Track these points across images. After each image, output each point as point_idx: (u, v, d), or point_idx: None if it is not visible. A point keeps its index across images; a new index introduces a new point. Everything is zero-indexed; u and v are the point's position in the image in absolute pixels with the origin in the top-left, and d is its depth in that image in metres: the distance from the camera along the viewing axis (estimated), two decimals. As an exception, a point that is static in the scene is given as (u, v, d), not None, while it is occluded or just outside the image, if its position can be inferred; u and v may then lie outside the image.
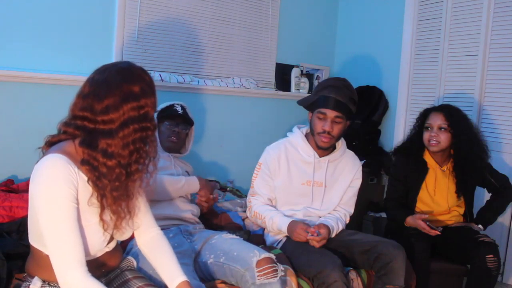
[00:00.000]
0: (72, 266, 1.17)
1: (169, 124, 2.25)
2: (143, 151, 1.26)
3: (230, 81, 3.23)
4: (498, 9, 2.76)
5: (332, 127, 2.02)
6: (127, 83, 1.22)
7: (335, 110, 2.00)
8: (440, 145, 2.29)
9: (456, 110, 2.35)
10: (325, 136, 2.03)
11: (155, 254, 1.44)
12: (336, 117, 2.01)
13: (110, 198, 1.24)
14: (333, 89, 2.02)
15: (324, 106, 2.02)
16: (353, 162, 2.20)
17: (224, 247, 1.77)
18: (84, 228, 1.24)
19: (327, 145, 2.07)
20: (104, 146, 1.20)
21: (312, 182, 2.11)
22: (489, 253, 2.05)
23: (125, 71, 1.25)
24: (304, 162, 2.12)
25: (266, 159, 2.14)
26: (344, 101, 2.01)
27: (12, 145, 2.40)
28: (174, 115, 2.28)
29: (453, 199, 2.34)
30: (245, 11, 3.29)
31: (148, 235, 1.47)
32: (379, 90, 3.46)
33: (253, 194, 2.18)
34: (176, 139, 2.28)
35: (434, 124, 2.30)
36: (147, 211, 1.47)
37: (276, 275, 1.63)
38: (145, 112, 1.24)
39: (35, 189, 1.19)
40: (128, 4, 2.77)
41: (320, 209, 2.13)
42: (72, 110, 1.26)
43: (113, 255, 1.42)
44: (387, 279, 1.86)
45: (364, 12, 3.65)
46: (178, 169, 2.25)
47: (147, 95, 1.25)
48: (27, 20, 2.46)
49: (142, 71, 1.29)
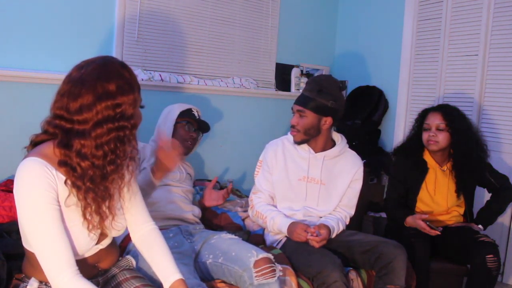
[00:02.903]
0: (61, 268, 1.17)
1: (188, 129, 2.26)
2: (120, 151, 1.22)
3: (230, 81, 3.23)
4: (498, 9, 2.76)
5: (297, 121, 2.07)
6: (102, 81, 1.18)
7: (296, 104, 2.08)
8: (439, 144, 2.29)
9: (454, 110, 2.35)
10: (292, 129, 2.09)
11: (149, 251, 1.42)
12: (299, 111, 2.07)
13: (89, 199, 1.21)
14: (306, 85, 2.10)
15: (294, 102, 2.10)
16: (353, 161, 2.19)
17: (222, 247, 1.77)
18: (69, 229, 1.23)
19: (296, 139, 2.10)
20: (78, 147, 1.17)
21: (307, 178, 2.12)
22: (489, 253, 2.05)
23: (101, 68, 1.21)
24: (300, 157, 2.13)
25: (265, 155, 2.18)
26: (310, 95, 2.04)
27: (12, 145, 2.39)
28: (193, 120, 2.29)
29: (452, 199, 2.34)
30: (245, 11, 3.29)
31: (141, 230, 1.44)
32: (379, 90, 3.46)
33: (255, 191, 2.19)
34: (191, 144, 2.29)
35: (432, 124, 2.30)
36: (141, 207, 1.45)
37: (274, 275, 1.63)
38: (122, 111, 1.20)
39: (16, 195, 1.19)
40: (128, 4, 2.77)
41: (319, 209, 2.13)
42: (52, 108, 1.23)
43: (109, 253, 1.40)
44: (388, 279, 1.86)
45: (364, 12, 3.65)
46: (182, 170, 2.26)
47: (124, 92, 1.21)
48: (27, 20, 2.45)
49: (121, 67, 1.24)
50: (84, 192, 1.20)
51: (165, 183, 2.14)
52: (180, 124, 2.27)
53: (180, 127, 2.26)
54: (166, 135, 2.14)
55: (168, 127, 2.25)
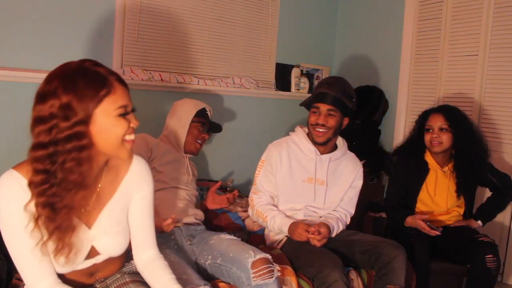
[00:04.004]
0: (37, 278, 1.15)
1: (202, 129, 2.25)
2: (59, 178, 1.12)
3: (230, 81, 3.23)
4: (498, 9, 2.76)
5: (327, 120, 2.06)
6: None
7: (327, 104, 2.07)
8: (442, 145, 2.29)
9: (455, 110, 2.35)
10: (319, 127, 2.07)
11: (152, 281, 1.35)
12: (329, 110, 2.07)
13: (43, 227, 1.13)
14: (327, 86, 2.10)
15: (317, 101, 2.08)
16: (354, 163, 2.22)
17: (221, 248, 1.77)
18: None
19: (322, 138, 2.09)
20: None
21: (314, 180, 2.12)
22: (489, 253, 2.05)
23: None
24: (305, 159, 2.14)
25: (268, 156, 2.17)
26: (337, 95, 2.06)
27: (12, 145, 2.40)
28: (207, 121, 2.28)
29: (452, 200, 2.34)
30: (245, 11, 3.29)
31: (143, 258, 1.38)
32: (379, 90, 3.45)
33: (255, 191, 2.18)
34: (202, 144, 2.28)
35: (434, 126, 2.30)
36: (142, 230, 1.38)
37: (272, 276, 1.62)
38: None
39: None
40: (128, 4, 2.77)
41: (321, 208, 2.13)
42: None
43: (109, 263, 1.34)
44: (388, 279, 1.86)
45: (364, 12, 3.65)
46: (190, 171, 2.24)
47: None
48: (27, 20, 2.46)
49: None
50: (42, 220, 1.13)
51: (173, 186, 2.12)
52: (195, 124, 2.24)
53: (194, 126, 2.23)
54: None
55: (184, 126, 2.22)
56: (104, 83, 1.15)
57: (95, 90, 1.13)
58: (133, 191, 1.34)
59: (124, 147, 1.20)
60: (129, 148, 1.21)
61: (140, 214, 1.36)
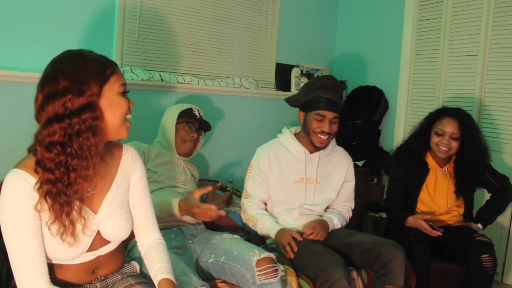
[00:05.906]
0: (31, 278, 1.17)
1: (188, 129, 2.25)
2: (74, 149, 1.16)
3: (230, 81, 3.23)
4: (498, 9, 2.76)
5: (331, 127, 2.08)
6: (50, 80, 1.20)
7: (333, 112, 2.07)
8: (449, 151, 2.28)
9: (469, 118, 2.32)
10: (324, 134, 2.07)
11: (150, 262, 1.41)
12: (334, 118, 2.08)
13: (55, 206, 1.17)
14: (327, 90, 2.07)
15: (322, 107, 2.06)
16: (344, 158, 2.25)
17: (224, 247, 1.77)
18: (48, 237, 1.20)
19: (325, 145, 2.11)
20: (39, 156, 1.17)
21: (305, 179, 2.14)
22: (485, 252, 2.06)
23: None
24: (295, 159, 2.15)
25: (257, 160, 2.18)
26: (338, 100, 2.09)
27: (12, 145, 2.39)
28: (193, 120, 2.28)
29: (452, 200, 2.34)
30: (245, 11, 3.29)
31: (146, 243, 1.43)
32: (379, 90, 3.46)
33: (246, 196, 2.21)
34: (192, 145, 2.27)
35: (447, 132, 2.26)
36: (145, 214, 1.43)
37: (277, 275, 1.62)
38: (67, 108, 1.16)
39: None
40: (128, 4, 2.77)
41: (314, 204, 2.15)
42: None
43: (111, 259, 1.37)
44: (386, 279, 1.86)
45: (364, 12, 3.65)
46: (187, 172, 2.24)
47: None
48: (27, 20, 2.45)
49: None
50: (50, 199, 1.16)
51: (170, 185, 2.13)
52: (180, 124, 2.25)
53: (180, 127, 2.25)
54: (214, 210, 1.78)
55: (171, 128, 2.24)
56: (108, 64, 1.24)
57: (103, 68, 1.22)
58: (130, 174, 1.39)
59: (125, 125, 1.28)
60: (128, 127, 1.29)
61: (137, 198, 1.41)
